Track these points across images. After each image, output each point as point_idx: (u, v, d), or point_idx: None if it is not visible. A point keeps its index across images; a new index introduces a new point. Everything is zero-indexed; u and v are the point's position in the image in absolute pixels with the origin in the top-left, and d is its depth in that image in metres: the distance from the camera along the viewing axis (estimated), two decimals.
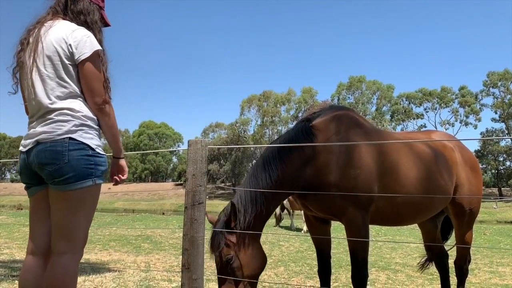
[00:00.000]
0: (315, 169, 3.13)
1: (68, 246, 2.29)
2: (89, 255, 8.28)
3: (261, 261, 3.06)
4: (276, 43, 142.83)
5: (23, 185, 2.51)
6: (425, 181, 3.52)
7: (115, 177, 2.59)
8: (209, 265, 7.73)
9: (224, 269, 2.94)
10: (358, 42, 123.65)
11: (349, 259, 3.38)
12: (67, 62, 2.35)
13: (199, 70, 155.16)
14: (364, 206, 3.16)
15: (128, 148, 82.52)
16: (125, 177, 2.58)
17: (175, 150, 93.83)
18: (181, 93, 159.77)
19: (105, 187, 2.72)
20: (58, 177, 2.25)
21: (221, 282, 2.96)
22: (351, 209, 3.12)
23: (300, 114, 70.71)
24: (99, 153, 2.37)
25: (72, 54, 2.35)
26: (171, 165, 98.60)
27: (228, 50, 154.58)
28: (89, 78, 2.35)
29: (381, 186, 3.24)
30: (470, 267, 4.37)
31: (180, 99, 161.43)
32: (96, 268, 6.58)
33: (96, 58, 2.38)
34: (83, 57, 2.34)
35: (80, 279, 5.51)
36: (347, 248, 3.33)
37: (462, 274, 4.15)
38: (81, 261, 7.43)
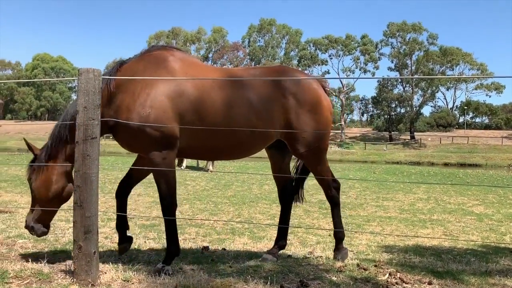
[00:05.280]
0: (114, 110, 3.31)
1: None
2: None
3: (54, 188, 3.31)
4: None
5: None
6: (237, 120, 3.56)
7: None
8: (112, 205, 7.56)
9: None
10: None
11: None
12: None
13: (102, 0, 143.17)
14: (162, 145, 3.34)
15: (21, 83, 75.01)
16: None
17: (67, 82, 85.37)
18: (82, 25, 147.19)
19: None
20: None
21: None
22: (148, 148, 3.33)
23: (210, 55, 69.35)
24: None
25: None
26: (70, 102, 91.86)
27: None
28: None
29: (185, 123, 3.39)
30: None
31: (81, 32, 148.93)
32: None
33: None
34: None
35: None
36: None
37: (332, 201, 4.22)
38: None
